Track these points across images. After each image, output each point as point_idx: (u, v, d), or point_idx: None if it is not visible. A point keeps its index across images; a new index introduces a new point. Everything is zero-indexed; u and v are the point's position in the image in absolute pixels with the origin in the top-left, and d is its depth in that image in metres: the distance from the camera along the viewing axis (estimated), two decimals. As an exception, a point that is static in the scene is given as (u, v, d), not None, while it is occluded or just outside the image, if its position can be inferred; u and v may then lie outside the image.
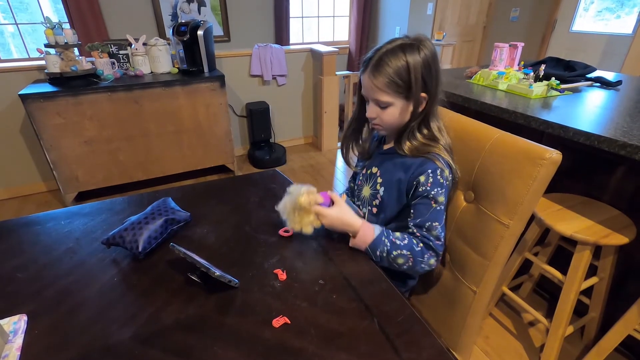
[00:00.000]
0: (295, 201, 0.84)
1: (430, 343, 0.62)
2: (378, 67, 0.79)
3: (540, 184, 0.74)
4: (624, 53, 3.62)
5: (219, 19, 3.46)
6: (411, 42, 0.79)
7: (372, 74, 0.80)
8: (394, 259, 0.83)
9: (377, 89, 0.81)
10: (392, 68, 0.78)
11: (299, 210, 0.85)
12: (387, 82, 0.79)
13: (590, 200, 1.32)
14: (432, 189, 0.82)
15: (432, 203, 0.82)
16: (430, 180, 0.82)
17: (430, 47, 0.80)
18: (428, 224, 0.83)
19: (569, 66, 1.81)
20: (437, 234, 0.83)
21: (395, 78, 0.78)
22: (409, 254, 0.82)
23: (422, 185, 0.83)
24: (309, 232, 0.86)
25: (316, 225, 0.87)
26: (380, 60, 0.79)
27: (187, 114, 2.59)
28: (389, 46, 0.79)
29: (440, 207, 0.83)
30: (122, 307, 0.69)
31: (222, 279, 0.69)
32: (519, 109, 1.38)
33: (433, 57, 0.80)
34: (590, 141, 1.13)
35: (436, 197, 0.82)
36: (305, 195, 0.84)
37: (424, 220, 0.83)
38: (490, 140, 0.84)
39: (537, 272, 1.63)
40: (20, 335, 0.63)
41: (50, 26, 2.18)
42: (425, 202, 0.83)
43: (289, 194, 0.87)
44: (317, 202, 0.86)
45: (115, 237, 0.81)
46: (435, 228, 0.82)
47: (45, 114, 2.19)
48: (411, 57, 0.77)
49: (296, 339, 0.62)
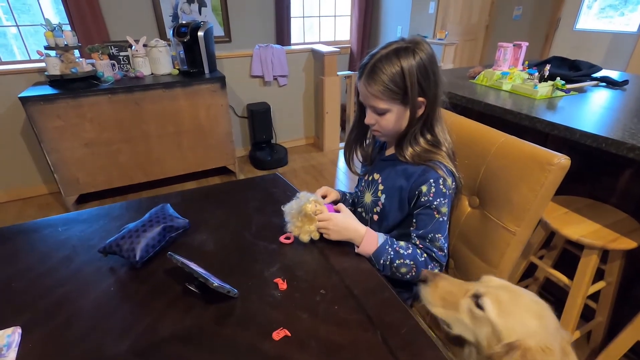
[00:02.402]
0: (301, 206, 0.84)
1: (435, 356, 0.60)
2: (372, 74, 0.77)
3: (548, 190, 0.72)
4: (629, 51, 3.58)
5: (219, 20, 3.44)
6: (406, 46, 0.77)
7: (367, 82, 0.79)
8: (397, 268, 0.81)
9: (372, 96, 0.79)
10: (386, 75, 0.76)
11: (303, 216, 0.85)
12: (382, 89, 0.77)
13: (597, 203, 1.29)
14: (434, 199, 0.80)
15: (434, 214, 0.81)
16: (433, 190, 0.80)
17: (426, 50, 0.77)
18: (431, 235, 0.81)
19: (574, 66, 1.78)
20: (440, 245, 0.81)
21: (390, 85, 0.76)
22: (412, 264, 0.81)
23: (424, 195, 0.81)
24: (305, 240, 0.85)
25: (314, 236, 0.86)
26: (375, 67, 0.77)
27: (188, 116, 2.58)
28: (384, 52, 0.77)
29: (443, 218, 0.81)
30: (119, 318, 0.67)
31: (220, 289, 0.67)
32: (523, 110, 1.35)
33: (430, 59, 0.78)
34: (598, 143, 1.11)
35: (439, 208, 0.80)
36: (312, 204, 0.84)
37: (427, 232, 0.82)
38: (496, 145, 0.82)
39: (542, 275, 1.61)
40: (14, 349, 0.61)
41: (50, 28, 2.17)
42: (427, 212, 0.81)
43: (298, 198, 0.88)
44: (321, 212, 0.85)
45: (112, 245, 0.80)
46: (439, 240, 0.81)
47: (46, 116, 2.18)
48: (406, 61, 0.75)
49: (297, 352, 0.60)
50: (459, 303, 0.58)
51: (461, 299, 0.58)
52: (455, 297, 0.59)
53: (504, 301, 0.53)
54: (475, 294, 0.56)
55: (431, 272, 0.66)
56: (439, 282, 0.62)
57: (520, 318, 0.51)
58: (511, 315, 0.52)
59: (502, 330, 0.51)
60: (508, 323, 0.51)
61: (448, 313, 0.60)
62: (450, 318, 0.60)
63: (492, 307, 0.53)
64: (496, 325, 0.52)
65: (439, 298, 0.62)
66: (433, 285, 0.62)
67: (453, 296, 0.60)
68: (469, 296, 0.57)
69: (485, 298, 0.54)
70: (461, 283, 0.62)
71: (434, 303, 0.62)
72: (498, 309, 0.52)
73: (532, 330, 0.50)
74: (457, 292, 0.60)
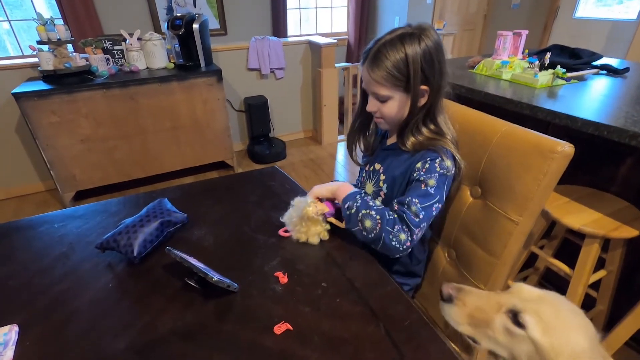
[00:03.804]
0: (302, 212, 0.82)
1: (439, 349, 0.59)
2: (376, 60, 0.76)
3: (552, 178, 0.70)
4: (629, 39, 3.55)
5: (214, 12, 3.40)
6: (412, 32, 0.75)
7: (370, 67, 0.77)
8: (362, 219, 0.77)
9: (375, 82, 0.77)
10: (390, 61, 0.74)
11: (306, 221, 0.83)
12: (385, 75, 0.75)
13: (598, 191, 1.28)
14: (425, 174, 0.79)
15: (421, 185, 0.78)
16: (427, 166, 0.79)
17: (433, 37, 0.76)
18: (408, 200, 0.78)
19: (574, 54, 1.76)
20: (416, 210, 0.77)
21: (393, 71, 0.75)
22: (378, 218, 0.76)
23: (416, 171, 0.80)
24: (315, 242, 0.84)
25: (323, 237, 0.85)
26: (378, 52, 0.75)
27: (185, 110, 2.55)
28: (389, 37, 0.76)
29: (428, 189, 0.78)
30: (117, 315, 0.66)
31: (220, 284, 0.66)
32: (524, 99, 1.34)
33: (436, 47, 0.76)
34: (600, 132, 1.10)
35: (426, 180, 0.78)
36: (312, 206, 0.82)
37: (407, 197, 0.79)
38: (498, 134, 0.80)
39: (542, 265, 1.61)
40: (11, 347, 0.60)
41: (42, 22, 2.13)
42: (415, 184, 0.80)
43: (294, 207, 0.86)
44: (323, 212, 0.83)
45: (109, 241, 0.78)
46: (415, 204, 0.77)
47: (40, 112, 2.15)
48: (410, 48, 0.73)
49: (299, 347, 0.59)
50: (492, 320, 0.52)
51: (493, 314, 0.52)
52: (487, 313, 0.53)
53: (547, 317, 0.48)
54: (512, 309, 0.51)
55: (454, 287, 0.58)
56: (466, 299, 0.56)
57: (567, 337, 0.47)
58: (556, 333, 0.47)
59: (548, 351, 0.47)
60: (554, 342, 0.47)
61: (477, 331, 0.54)
62: (479, 335, 0.55)
63: (536, 325, 0.48)
64: (541, 346, 0.47)
65: (467, 316, 0.55)
66: (460, 303, 0.56)
67: (483, 313, 0.53)
68: (503, 312, 0.52)
69: (526, 315, 0.49)
70: (490, 295, 0.56)
71: (461, 322, 0.55)
72: (542, 327, 0.48)
73: (580, 350, 0.46)
74: (488, 307, 0.54)
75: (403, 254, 0.78)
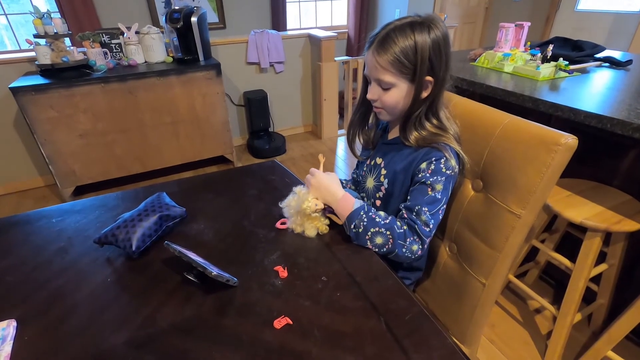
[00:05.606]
0: (301, 207, 0.82)
1: (441, 342, 0.59)
2: (384, 43, 0.74)
3: (555, 171, 0.69)
4: (632, 32, 3.52)
5: (213, 5, 3.37)
6: (422, 21, 0.74)
7: (377, 51, 0.75)
8: (372, 237, 0.77)
9: (380, 67, 0.76)
10: (398, 46, 0.73)
11: (303, 215, 0.83)
12: (392, 60, 0.74)
13: (600, 185, 1.28)
14: (431, 176, 0.78)
15: (428, 190, 0.78)
16: (432, 167, 0.78)
17: (442, 28, 0.74)
18: (418, 208, 0.77)
19: (577, 46, 1.74)
20: (425, 219, 0.77)
21: (401, 57, 0.73)
22: (388, 234, 0.76)
23: (422, 172, 0.79)
24: (312, 235, 0.83)
25: (322, 231, 0.84)
26: (387, 36, 0.74)
27: (183, 104, 2.53)
28: (398, 23, 0.74)
29: (436, 195, 0.77)
30: (116, 310, 0.66)
31: (219, 278, 0.66)
32: (526, 91, 1.32)
33: (444, 39, 0.75)
34: (603, 124, 1.08)
35: (434, 185, 0.77)
36: (311, 202, 0.81)
37: (415, 204, 0.78)
38: (500, 126, 0.79)
39: (543, 259, 1.60)
40: (9, 342, 0.60)
41: (38, 15, 2.10)
42: (421, 188, 0.79)
43: (295, 195, 0.85)
44: (320, 208, 0.83)
45: (107, 235, 0.78)
46: (425, 213, 0.77)
47: (38, 107, 2.14)
48: (420, 36, 0.72)
49: (299, 341, 0.59)
50: None
51: None
52: None
53: None
54: None
55: None
56: None
57: None
58: None
59: None
60: None
61: None
62: None
63: None
64: None
65: None
66: None
67: None
68: None
69: None
70: None
71: None
72: None
73: None
74: None
75: (414, 262, 0.79)
